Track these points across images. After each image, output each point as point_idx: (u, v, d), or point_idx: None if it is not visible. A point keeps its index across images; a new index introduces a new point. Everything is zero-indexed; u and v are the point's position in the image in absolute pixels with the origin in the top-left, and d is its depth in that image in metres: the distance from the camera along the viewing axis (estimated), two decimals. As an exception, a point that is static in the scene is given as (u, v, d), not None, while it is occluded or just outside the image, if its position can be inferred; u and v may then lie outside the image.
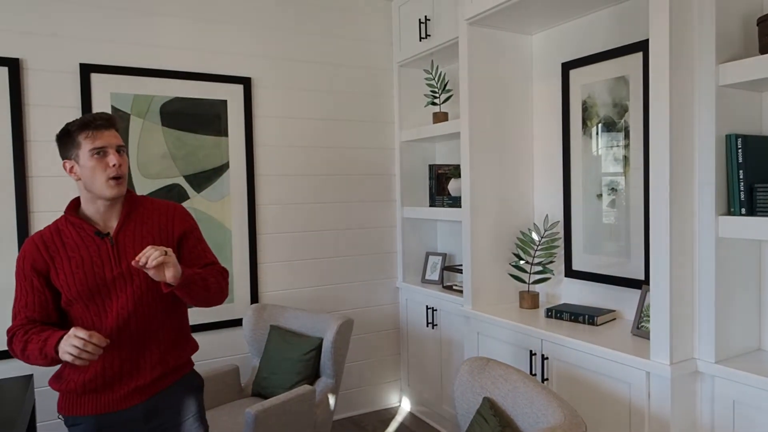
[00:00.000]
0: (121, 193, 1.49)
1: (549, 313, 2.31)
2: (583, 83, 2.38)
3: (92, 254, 1.47)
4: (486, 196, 2.54)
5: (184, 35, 2.69)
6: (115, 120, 1.51)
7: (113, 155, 1.46)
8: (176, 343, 1.60)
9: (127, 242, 1.51)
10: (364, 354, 3.25)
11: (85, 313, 1.48)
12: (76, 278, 1.45)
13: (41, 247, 1.48)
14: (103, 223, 1.52)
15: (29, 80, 2.39)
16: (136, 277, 1.49)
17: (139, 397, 1.52)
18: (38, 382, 2.41)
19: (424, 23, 2.94)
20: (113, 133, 1.49)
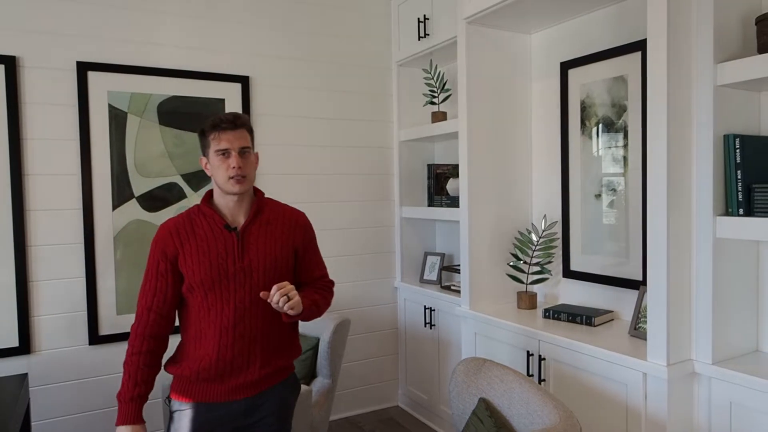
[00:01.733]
0: (243, 190, 1.57)
1: (547, 313, 2.30)
2: (582, 83, 2.37)
3: (219, 246, 1.56)
4: (484, 196, 2.54)
5: (183, 33, 2.69)
6: (242, 121, 1.58)
7: (234, 157, 1.54)
8: (283, 344, 1.64)
9: (251, 239, 1.60)
10: (361, 354, 3.24)
11: (203, 302, 1.55)
12: (202, 266, 1.54)
13: (173, 233, 1.59)
14: (231, 217, 1.61)
15: (26, 78, 2.38)
16: (256, 274, 1.57)
17: (246, 392, 1.56)
18: (33, 381, 2.41)
19: (423, 22, 2.93)
20: (239, 134, 1.56)
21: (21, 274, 2.36)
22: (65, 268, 2.46)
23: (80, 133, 2.46)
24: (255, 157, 1.63)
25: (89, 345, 2.51)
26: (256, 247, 1.59)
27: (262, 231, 1.62)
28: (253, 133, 1.63)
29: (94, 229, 2.49)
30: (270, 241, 1.62)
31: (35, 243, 2.40)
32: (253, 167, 1.61)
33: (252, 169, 1.60)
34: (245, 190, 1.58)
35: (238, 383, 1.55)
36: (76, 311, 2.49)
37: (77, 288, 2.49)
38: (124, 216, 2.55)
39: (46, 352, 2.44)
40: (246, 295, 1.56)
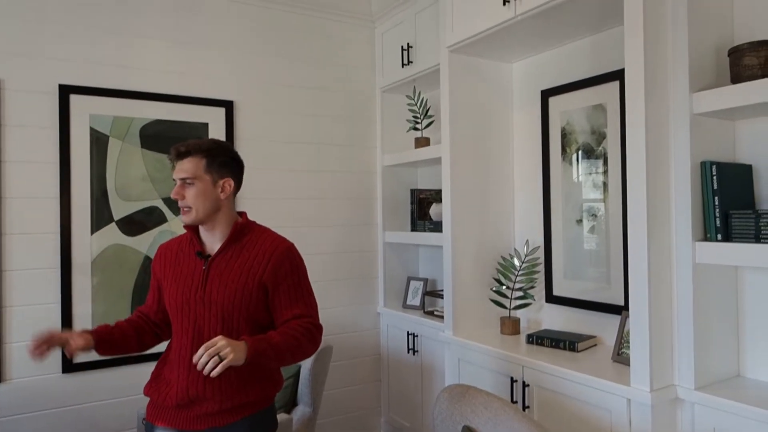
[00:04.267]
0: (189, 221, 1.55)
1: (530, 339, 2.29)
2: (562, 110, 2.42)
3: (188, 272, 1.57)
4: (467, 221, 2.55)
5: (167, 58, 2.69)
6: (188, 149, 1.54)
7: (176, 188, 1.55)
8: (250, 380, 1.54)
9: (218, 269, 1.55)
10: (343, 381, 3.18)
11: (174, 326, 1.58)
12: (171, 291, 1.57)
13: (162, 255, 1.66)
14: (209, 244, 1.60)
15: (7, 100, 2.35)
16: (215, 308, 1.52)
17: (210, 422, 1.51)
18: (2, 411, 2.31)
19: (407, 50, 2.98)
20: (183, 164, 1.54)
21: (-7, 299, 2.29)
22: (40, 293, 2.40)
23: (60, 156, 2.42)
24: (207, 186, 1.53)
25: (63, 373, 2.43)
26: (219, 278, 1.53)
27: (231, 261, 1.55)
28: (216, 158, 1.54)
29: (71, 253, 2.44)
30: (234, 273, 1.54)
31: (10, 268, 2.34)
32: (203, 197, 1.52)
33: (199, 200, 1.52)
34: (191, 221, 1.54)
35: (201, 412, 1.50)
36: (49, 338, 2.41)
37: (52, 314, 2.41)
38: (102, 240, 2.50)
39: (18, 380, 2.35)
40: (205, 326, 1.52)
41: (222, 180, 1.57)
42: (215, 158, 1.55)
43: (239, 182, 1.64)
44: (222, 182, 1.57)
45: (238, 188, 1.64)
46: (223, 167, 1.57)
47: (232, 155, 1.62)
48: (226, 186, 1.57)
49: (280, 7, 2.98)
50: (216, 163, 1.56)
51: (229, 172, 1.59)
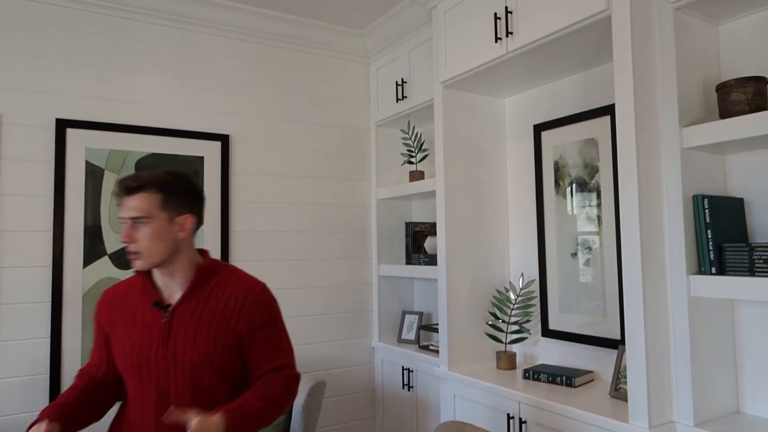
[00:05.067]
0: (141, 268, 1.34)
1: (526, 374, 2.26)
2: (555, 144, 2.45)
3: (145, 326, 1.34)
4: (462, 255, 2.54)
5: (163, 92, 2.72)
6: (140, 183, 1.33)
7: (124, 229, 1.32)
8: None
9: (182, 321, 1.34)
10: (336, 417, 3.11)
11: (131, 388, 1.37)
12: (124, 349, 1.35)
13: (109, 304, 1.42)
14: (167, 291, 1.38)
15: (4, 134, 2.36)
16: (181, 366, 1.31)
17: None
18: None
19: (401, 85, 3.03)
20: (133, 201, 1.32)
21: (-19, 334, 2.25)
22: (30, 328, 2.36)
23: (55, 190, 2.42)
24: (162, 225, 1.32)
25: (49, 411, 2.37)
26: (185, 333, 1.33)
27: (197, 312, 1.35)
28: (173, 193, 1.35)
29: (62, 287, 2.41)
30: (203, 326, 1.34)
31: (1, 301, 2.31)
32: (158, 239, 1.31)
33: (154, 242, 1.31)
34: (145, 267, 1.33)
35: None
36: (37, 374, 2.36)
37: (41, 349, 2.37)
38: (94, 274, 2.48)
39: (4, 418, 2.29)
40: (170, 388, 1.32)
41: (180, 217, 1.36)
42: (172, 192, 1.35)
43: (200, 218, 1.44)
44: (180, 219, 1.36)
45: (200, 224, 1.44)
46: (182, 202, 1.37)
47: (190, 187, 1.42)
48: (186, 223, 1.37)
49: (276, 43, 3.04)
50: (173, 198, 1.35)
51: (188, 208, 1.38)
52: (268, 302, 1.44)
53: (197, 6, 2.75)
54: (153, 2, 2.65)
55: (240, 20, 2.89)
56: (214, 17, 2.82)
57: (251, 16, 2.90)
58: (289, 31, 3.04)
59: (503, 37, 2.18)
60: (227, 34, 2.89)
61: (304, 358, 3.02)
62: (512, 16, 2.15)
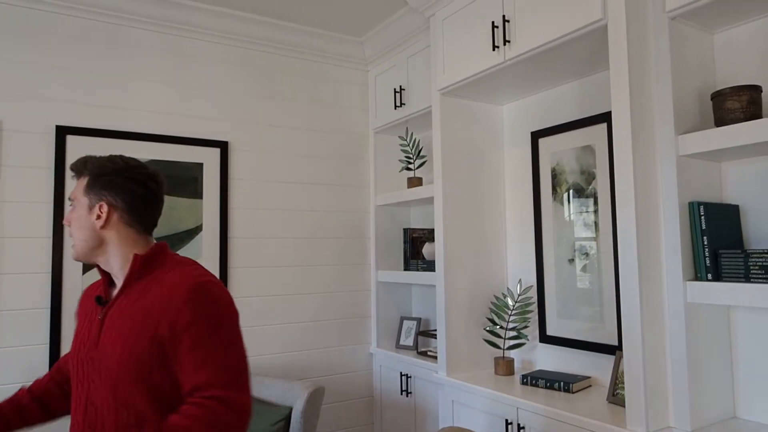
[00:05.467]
0: (73, 256, 1.26)
1: (524, 379, 2.27)
2: (552, 151, 2.46)
3: (87, 323, 1.24)
4: (460, 261, 2.55)
5: (162, 99, 2.73)
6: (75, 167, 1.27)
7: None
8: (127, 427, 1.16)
9: (111, 321, 1.19)
10: (334, 424, 3.11)
11: (73, 393, 1.22)
12: (72, 346, 1.26)
13: (83, 299, 1.34)
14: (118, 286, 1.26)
15: (5, 141, 2.37)
16: (104, 372, 1.14)
17: None
18: None
19: (399, 92, 3.05)
20: (77, 183, 1.27)
21: (-21, 341, 2.25)
22: (28, 334, 2.36)
23: (55, 196, 2.43)
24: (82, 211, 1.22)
25: (47, 417, 2.36)
26: (110, 334, 1.16)
27: (126, 309, 1.18)
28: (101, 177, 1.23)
29: (62, 293, 2.42)
30: (124, 328, 1.15)
31: (0, 308, 2.32)
32: (77, 225, 1.22)
33: (73, 228, 1.23)
34: (74, 255, 1.25)
35: None
36: (35, 381, 2.36)
37: (39, 356, 2.37)
38: (93, 280, 2.48)
39: (0, 425, 2.29)
40: (97, 399, 1.15)
41: (97, 205, 1.22)
42: (98, 178, 1.22)
43: (133, 208, 1.24)
44: (96, 208, 1.22)
45: (137, 216, 1.25)
46: (105, 189, 1.22)
47: (126, 176, 1.24)
48: (101, 211, 1.22)
49: (275, 51, 3.06)
50: (97, 185, 1.22)
51: (110, 196, 1.22)
52: (201, 300, 1.13)
53: (195, 14, 2.77)
54: (151, 10, 2.67)
55: (239, 28, 2.90)
56: (213, 25, 2.84)
57: (250, 24, 2.92)
58: (287, 39, 3.06)
59: (501, 45, 2.21)
60: (226, 41, 2.91)
61: (301, 364, 3.03)
62: (509, 24, 2.17)
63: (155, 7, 2.68)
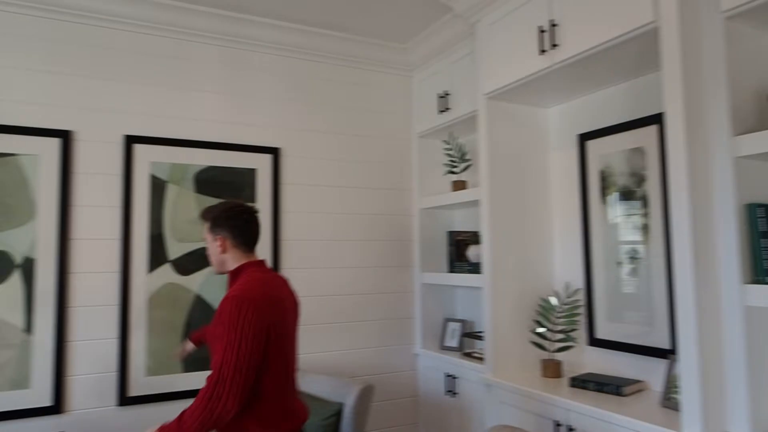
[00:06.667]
0: (214, 271, 1.86)
1: (574, 382, 2.27)
2: (600, 153, 2.47)
3: None
4: (506, 263, 2.58)
5: (219, 109, 2.87)
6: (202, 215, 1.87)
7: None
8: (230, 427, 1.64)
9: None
10: (380, 423, 3.17)
11: None
12: None
13: None
14: None
15: (79, 150, 2.55)
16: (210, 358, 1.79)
17: None
18: None
19: (444, 97, 3.10)
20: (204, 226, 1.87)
21: (59, 334, 2.42)
22: (101, 329, 2.52)
23: (123, 201, 2.59)
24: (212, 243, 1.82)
25: (118, 406, 2.52)
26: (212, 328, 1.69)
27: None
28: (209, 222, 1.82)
29: (129, 291, 2.57)
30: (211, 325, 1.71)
31: (75, 304, 2.48)
32: (212, 251, 1.83)
33: (210, 253, 1.84)
34: (215, 271, 1.86)
35: None
36: (107, 372, 2.52)
37: (110, 349, 2.53)
38: (158, 279, 2.63)
39: (77, 412, 2.45)
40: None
41: (217, 238, 1.81)
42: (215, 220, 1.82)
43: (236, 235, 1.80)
44: (218, 240, 1.81)
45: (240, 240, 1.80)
46: (218, 227, 1.81)
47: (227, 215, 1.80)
48: (219, 243, 1.81)
49: (322, 59, 3.16)
50: (215, 225, 1.81)
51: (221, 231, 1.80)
52: (232, 307, 1.58)
53: (249, 27, 2.90)
54: (209, 24, 2.81)
55: (288, 38, 3.02)
56: (265, 37, 2.96)
57: (299, 35, 3.03)
58: (334, 48, 3.15)
59: (548, 49, 2.23)
60: (277, 52, 3.03)
61: (347, 362, 3.11)
62: (557, 29, 2.19)
63: (216, 22, 2.82)
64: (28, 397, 2.35)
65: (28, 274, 2.40)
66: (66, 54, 2.55)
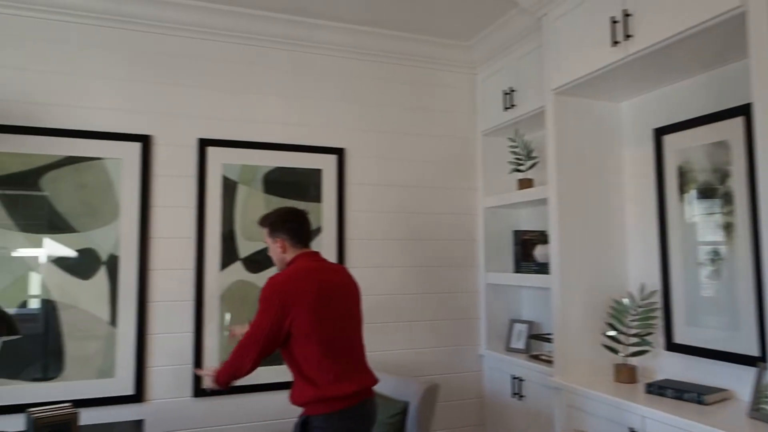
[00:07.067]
0: (279, 269, 2.10)
1: (650, 388, 2.17)
2: (678, 148, 2.34)
3: None
4: (576, 263, 2.50)
5: (286, 111, 2.95)
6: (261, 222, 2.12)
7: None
8: (294, 383, 1.96)
9: None
10: (444, 423, 3.16)
11: None
12: None
13: None
14: None
15: (157, 153, 2.70)
16: None
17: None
18: (150, 427, 2.57)
19: (509, 94, 3.04)
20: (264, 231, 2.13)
21: (141, 327, 2.58)
22: (177, 323, 2.66)
23: (197, 201, 2.72)
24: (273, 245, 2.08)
25: (193, 397, 2.65)
26: None
27: None
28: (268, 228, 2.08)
29: (203, 287, 2.70)
30: None
31: (154, 299, 2.63)
32: (274, 252, 2.09)
33: (272, 254, 2.10)
34: (279, 269, 2.10)
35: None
36: (183, 364, 2.66)
37: (185, 342, 2.67)
38: (229, 276, 2.75)
39: (156, 401, 2.60)
40: None
41: (277, 240, 2.07)
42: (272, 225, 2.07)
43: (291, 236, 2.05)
44: (278, 242, 2.07)
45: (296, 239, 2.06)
46: (276, 231, 2.06)
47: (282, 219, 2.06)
48: (279, 245, 2.07)
49: (386, 59, 3.18)
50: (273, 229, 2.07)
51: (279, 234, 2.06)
52: (265, 288, 1.91)
53: (314, 30, 2.96)
54: (275, 29, 2.90)
55: (351, 40, 3.06)
56: (328, 39, 3.02)
57: (362, 36, 3.07)
58: (398, 48, 3.17)
59: (621, 40, 2.14)
60: (340, 53, 3.08)
61: (411, 362, 3.11)
62: (631, 18, 2.10)
63: (282, 27, 2.90)
64: (112, 385, 2.52)
65: (113, 270, 2.57)
66: (144, 62, 2.71)
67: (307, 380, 1.89)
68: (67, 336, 2.48)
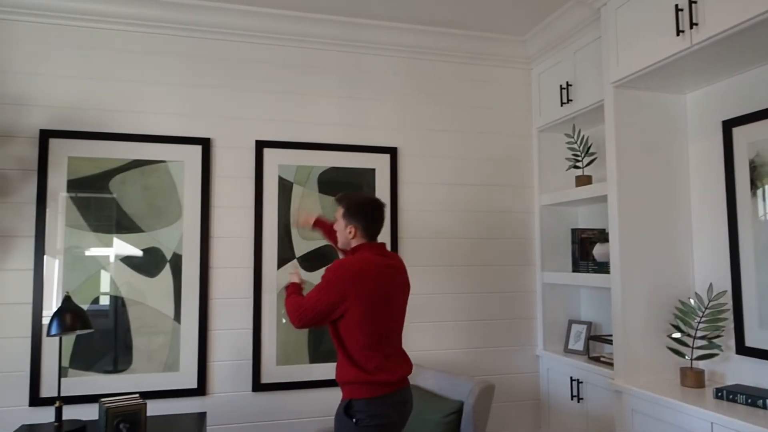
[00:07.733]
0: (339, 246, 2.17)
1: (719, 393, 2.06)
2: (750, 141, 2.21)
3: None
4: (637, 262, 2.41)
5: (340, 112, 2.99)
6: (339, 199, 2.13)
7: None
8: (338, 360, 2.04)
9: None
10: (500, 424, 3.11)
11: None
12: None
13: None
14: None
15: (217, 156, 2.81)
16: None
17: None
18: (211, 419, 2.66)
19: (566, 89, 2.96)
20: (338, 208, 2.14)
21: (203, 323, 2.68)
22: (237, 319, 2.76)
23: (255, 201, 2.81)
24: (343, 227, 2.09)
25: (252, 392, 2.74)
26: None
27: None
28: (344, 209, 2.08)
29: (261, 285, 2.78)
30: None
31: (215, 296, 2.74)
32: (341, 233, 2.10)
33: (339, 233, 2.12)
34: (340, 246, 2.17)
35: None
36: (242, 359, 2.74)
37: (245, 338, 2.75)
38: (286, 274, 2.81)
39: (217, 395, 2.70)
40: None
41: (349, 226, 2.08)
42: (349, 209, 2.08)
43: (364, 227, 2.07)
44: (350, 227, 2.08)
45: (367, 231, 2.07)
46: (352, 217, 2.08)
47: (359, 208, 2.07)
48: (351, 231, 2.08)
49: (438, 57, 3.16)
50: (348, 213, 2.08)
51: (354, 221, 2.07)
52: (329, 270, 1.98)
53: (365, 30, 2.99)
54: (329, 31, 2.94)
55: (403, 39, 3.06)
56: (380, 39, 3.03)
57: (415, 35, 3.07)
58: (450, 45, 3.15)
59: (686, 29, 2.04)
60: (392, 53, 3.09)
61: (466, 361, 3.09)
62: (697, 6, 2.00)
63: (335, 28, 2.95)
64: (177, 378, 2.63)
65: (176, 268, 2.68)
66: (203, 68, 2.82)
67: (350, 360, 1.97)
68: (135, 331, 2.61)
